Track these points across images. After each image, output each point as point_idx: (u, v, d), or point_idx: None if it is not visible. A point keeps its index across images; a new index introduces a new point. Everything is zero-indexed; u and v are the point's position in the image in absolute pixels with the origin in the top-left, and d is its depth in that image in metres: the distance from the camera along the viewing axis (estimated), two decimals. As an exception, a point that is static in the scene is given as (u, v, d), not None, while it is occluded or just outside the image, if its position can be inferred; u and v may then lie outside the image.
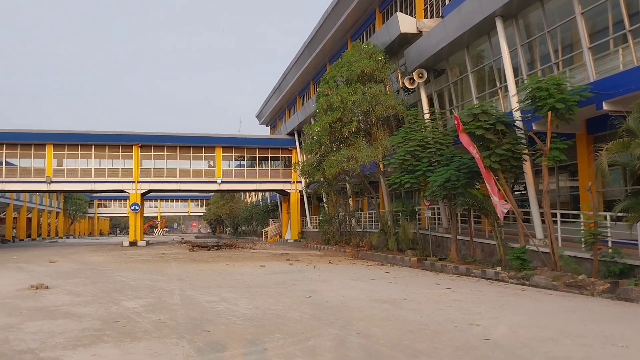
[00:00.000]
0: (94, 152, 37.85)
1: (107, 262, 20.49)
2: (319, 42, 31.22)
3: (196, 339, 6.46)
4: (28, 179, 37.05)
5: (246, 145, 39.93)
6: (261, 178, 39.90)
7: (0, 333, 6.77)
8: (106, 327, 7.16)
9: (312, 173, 24.92)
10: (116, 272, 15.79)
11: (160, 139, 38.48)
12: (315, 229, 34.63)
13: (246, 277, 13.93)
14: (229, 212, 61.22)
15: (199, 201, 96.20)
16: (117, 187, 38.44)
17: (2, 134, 36.92)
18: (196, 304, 9.26)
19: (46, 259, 22.03)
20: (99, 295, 10.33)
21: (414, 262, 17.01)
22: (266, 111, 51.22)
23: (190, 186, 39.99)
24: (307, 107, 34.25)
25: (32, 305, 9.16)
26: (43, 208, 66.23)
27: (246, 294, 10.40)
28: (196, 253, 25.90)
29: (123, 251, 29.07)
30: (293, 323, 7.47)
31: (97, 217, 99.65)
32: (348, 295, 10.23)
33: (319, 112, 22.61)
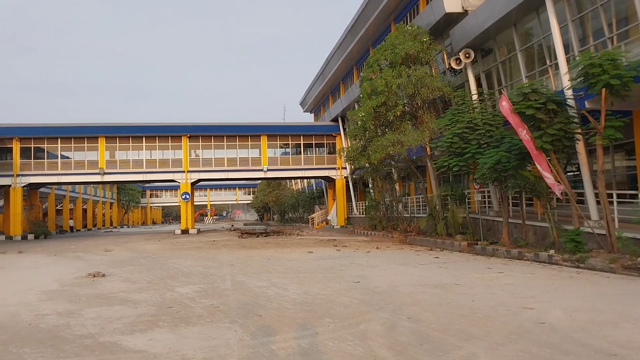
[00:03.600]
0: (144, 143, 38.89)
1: (160, 250, 21.06)
2: (361, 26, 30.90)
3: (248, 323, 6.57)
4: (82, 171, 38.47)
5: (291, 133, 40.14)
6: (306, 165, 40.06)
7: (62, 319, 7.05)
8: (161, 312, 7.37)
9: (357, 159, 24.81)
10: (169, 259, 16.21)
11: (208, 129, 39.19)
12: (362, 215, 34.57)
13: (294, 263, 14.04)
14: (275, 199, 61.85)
15: (246, 189, 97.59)
16: (168, 177, 39.45)
17: (57, 128, 38.41)
18: (247, 289, 9.40)
19: (102, 248, 22.83)
20: (154, 282, 10.62)
21: (463, 246, 16.76)
22: (310, 98, 51.23)
23: (238, 174, 40.54)
24: (351, 92, 34.05)
25: (90, 292, 9.51)
26: (97, 199, 68.58)
27: (295, 280, 10.49)
28: (245, 240, 26.29)
29: (175, 239, 29.81)
30: (343, 308, 7.49)
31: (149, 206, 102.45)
32: (397, 280, 10.17)
33: (363, 97, 22.42)
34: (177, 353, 5.30)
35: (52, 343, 5.74)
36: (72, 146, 38.59)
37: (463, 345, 5.41)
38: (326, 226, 41.35)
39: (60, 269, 14.26)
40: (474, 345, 5.43)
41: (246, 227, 50.93)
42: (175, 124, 39.32)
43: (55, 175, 38.55)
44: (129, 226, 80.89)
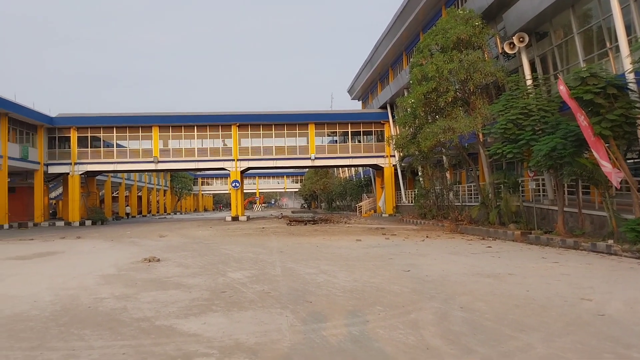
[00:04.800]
0: (196, 132, 39.72)
1: (212, 236, 21.49)
2: (411, 11, 30.39)
3: (299, 309, 6.61)
4: (137, 159, 39.65)
5: (338, 121, 40.06)
6: (354, 153, 39.94)
7: (119, 302, 7.28)
8: (214, 297, 7.51)
9: (407, 146, 24.53)
10: (221, 245, 16.52)
11: (257, 118, 39.64)
12: (411, 203, 34.24)
13: (343, 250, 14.05)
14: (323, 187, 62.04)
15: (294, 177, 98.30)
16: (218, 165, 40.19)
17: (112, 118, 39.68)
18: (297, 275, 9.47)
19: (156, 234, 23.47)
20: (206, 267, 10.84)
21: (517, 235, 16.35)
22: (357, 85, 50.90)
23: (286, 163, 40.84)
24: (400, 78, 33.62)
25: (145, 276, 9.78)
26: (152, 186, 70.56)
27: (344, 267, 10.49)
28: (294, 227, 26.50)
29: (226, 226, 30.35)
30: (393, 296, 7.43)
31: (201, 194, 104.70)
32: (448, 270, 10.02)
33: (413, 83, 22.08)
34: (230, 337, 5.39)
35: (110, 326, 5.94)
36: (127, 135, 39.84)
37: (518, 336, 5.28)
38: (374, 214, 41.19)
39: (117, 253, 14.74)
40: (529, 335, 5.29)
41: (294, 214, 51.30)
42: (225, 113, 39.95)
43: (111, 164, 39.91)
44: (181, 213, 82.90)
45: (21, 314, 6.61)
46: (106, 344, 5.23)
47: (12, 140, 35.35)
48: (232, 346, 5.09)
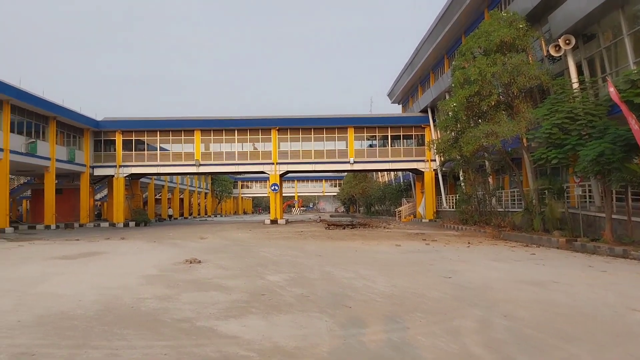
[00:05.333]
0: (236, 136, 40.23)
1: (251, 238, 21.66)
2: (453, 14, 30.03)
3: (338, 314, 6.56)
4: (179, 162, 40.43)
5: (378, 125, 39.87)
6: (394, 157, 39.67)
7: (161, 303, 7.38)
8: (253, 299, 7.54)
9: (448, 151, 24.19)
10: (260, 248, 16.62)
11: (296, 122, 39.84)
12: (452, 209, 33.75)
13: (382, 255, 13.93)
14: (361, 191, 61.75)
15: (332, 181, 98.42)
16: (258, 168, 40.59)
17: (156, 122, 40.59)
18: (335, 279, 9.42)
19: (197, 236, 23.82)
20: (245, 269, 10.91)
21: (562, 243, 15.88)
22: (398, 89, 50.59)
23: (324, 167, 40.88)
24: (442, 82, 33.23)
25: (186, 277, 9.90)
26: (193, 189, 71.77)
27: (383, 272, 10.38)
28: (332, 231, 26.46)
29: (265, 229, 30.57)
30: (434, 303, 7.31)
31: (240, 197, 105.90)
32: (491, 277, 9.80)
33: (455, 87, 21.78)
34: (269, 340, 5.38)
35: (151, 326, 6.02)
36: (170, 139, 40.69)
37: (563, 346, 5.10)
38: (414, 220, 40.77)
39: (159, 254, 15.00)
40: (575, 346, 5.10)
41: (332, 218, 51.26)
42: (265, 117, 40.32)
43: (154, 166, 40.81)
44: (221, 215, 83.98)
45: (67, 312, 6.78)
46: (147, 344, 5.30)
47: (60, 143, 36.55)
48: (271, 349, 5.08)
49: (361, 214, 69.08)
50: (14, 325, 6.08)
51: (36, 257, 14.69)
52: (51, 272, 11.10)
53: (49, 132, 35.09)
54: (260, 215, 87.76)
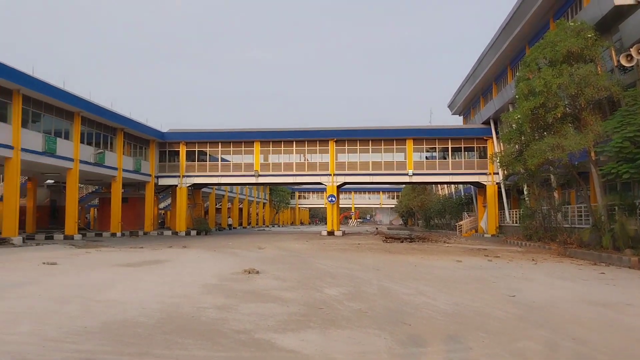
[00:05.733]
0: (295, 147, 40.63)
1: (308, 250, 21.70)
2: (516, 24, 29.27)
3: (397, 331, 6.40)
4: (239, 173, 41.24)
5: (438, 136, 39.26)
6: (454, 170, 38.91)
7: (220, 313, 7.44)
8: (311, 313, 7.47)
9: (512, 164, 23.47)
10: (317, 259, 16.60)
11: (354, 133, 39.83)
12: (515, 224, 32.70)
13: (442, 271, 13.59)
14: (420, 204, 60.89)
15: (390, 193, 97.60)
16: (315, 179, 40.79)
17: (217, 133, 41.60)
18: (394, 295, 9.24)
19: (255, 246, 24.09)
20: (303, 282, 10.88)
21: (634, 262, 15.00)
22: (458, 100, 49.72)
23: (382, 178, 40.62)
24: (504, 93, 32.40)
25: (245, 288, 9.97)
26: (252, 199, 72.97)
27: (444, 289, 10.10)
28: (389, 244, 26.14)
29: (322, 240, 30.58)
30: (497, 322, 7.02)
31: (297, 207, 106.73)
32: (557, 296, 9.35)
33: (519, 98, 21.14)
34: (327, 356, 5.29)
35: (211, 336, 6.06)
36: (231, 150, 41.59)
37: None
38: (475, 234, 39.76)
39: (219, 264, 15.24)
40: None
41: (390, 231, 50.75)
42: (322, 129, 40.53)
43: (215, 177, 41.80)
44: (279, 225, 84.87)
45: (130, 319, 6.94)
46: (207, 355, 5.33)
47: (126, 153, 38.02)
48: (329, 366, 4.99)
49: (420, 227, 68.08)
50: (80, 331, 6.26)
51: (102, 264, 15.23)
52: (116, 279, 11.45)
53: (116, 143, 36.58)
54: (317, 226, 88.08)
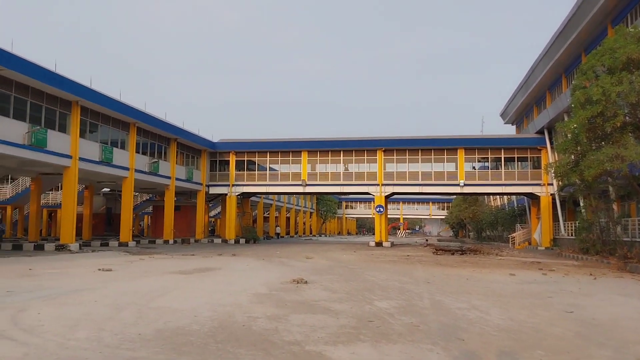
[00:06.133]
0: (342, 157, 40.62)
1: (356, 260, 21.57)
2: (572, 31, 28.45)
3: (450, 347, 6.25)
4: (287, 182, 41.55)
5: (490, 146, 38.44)
6: (507, 180, 37.99)
7: (271, 323, 7.45)
8: (361, 325, 7.39)
9: (567, 174, 22.69)
10: (365, 271, 16.47)
11: (403, 143, 39.49)
12: (571, 237, 31.60)
13: (495, 285, 13.23)
14: (472, 215, 59.65)
15: (440, 204, 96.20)
16: (362, 189, 40.64)
17: (266, 143, 42.08)
18: (446, 309, 9.05)
19: (303, 255, 24.15)
20: (352, 293, 10.81)
21: (702, 279, 14.21)
22: (511, 109, 48.65)
23: (432, 189, 40.07)
24: (559, 102, 31.49)
25: (294, 298, 9.98)
26: (299, 208, 73.34)
27: (498, 303, 9.83)
28: (440, 257, 25.70)
29: (370, 251, 30.38)
30: (555, 340, 6.76)
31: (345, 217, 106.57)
32: (619, 313, 8.94)
33: (575, 107, 20.47)
34: (379, 371, 5.21)
35: (263, 347, 6.07)
36: (279, 159, 41.98)
37: None
38: (528, 247, 38.63)
39: (268, 273, 15.34)
40: None
41: (440, 243, 49.92)
42: (370, 138, 40.39)
43: (263, 186, 42.27)
44: (326, 235, 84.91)
45: (183, 327, 7.04)
46: (259, 366, 5.34)
47: (179, 162, 38.97)
48: (382, 381, 4.90)
49: (471, 239, 66.73)
50: (135, 337, 6.40)
51: (155, 271, 15.59)
52: (169, 286, 11.69)
53: (170, 153, 37.55)
54: (364, 236, 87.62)
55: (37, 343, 6.07)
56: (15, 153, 23.35)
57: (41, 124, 24.83)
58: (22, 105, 24.07)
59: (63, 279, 13.13)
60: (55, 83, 24.98)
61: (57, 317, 7.64)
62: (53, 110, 25.99)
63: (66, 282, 12.43)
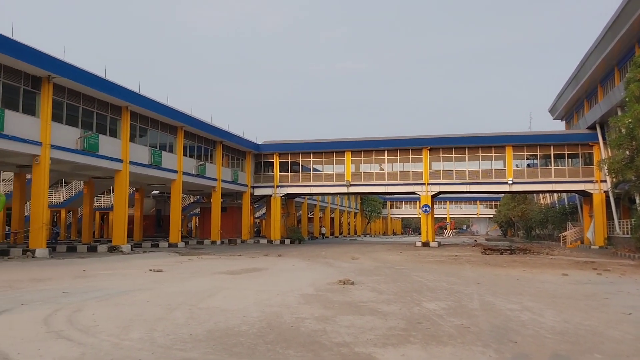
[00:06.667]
0: (386, 157, 40.37)
1: (402, 261, 21.37)
2: (624, 23, 27.35)
3: (503, 349, 6.09)
4: (331, 182, 41.60)
5: (539, 143, 37.46)
6: (557, 177, 36.92)
7: (319, 324, 7.45)
8: (410, 327, 7.30)
9: (622, 171, 21.91)
10: (412, 271, 16.29)
11: (448, 141, 38.94)
12: (626, 235, 30.42)
13: (547, 285, 12.85)
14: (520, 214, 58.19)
15: (487, 202, 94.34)
16: (408, 189, 40.26)
17: (309, 144, 42.28)
18: (497, 310, 8.84)
19: (348, 256, 24.10)
20: (400, 294, 10.70)
21: None
22: (560, 104, 47.19)
23: (480, 187, 39.33)
24: (612, 96, 30.39)
25: (341, 299, 9.95)
26: (343, 209, 73.29)
27: (551, 305, 9.54)
28: (489, 256, 25.18)
29: (416, 251, 30.06)
30: (614, 343, 6.50)
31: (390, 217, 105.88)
32: (682, 316, 8.53)
33: (629, 101, 19.75)
34: (430, 374, 5.13)
35: (312, 348, 6.07)
36: (322, 160, 42.09)
37: None
38: (581, 246, 37.42)
39: (313, 274, 15.37)
40: None
41: (488, 242, 48.95)
42: (415, 137, 39.99)
43: (307, 187, 42.47)
44: (370, 235, 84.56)
45: (233, 328, 7.12)
46: (308, 367, 5.34)
47: (225, 165, 39.59)
48: (433, 384, 4.82)
49: (520, 238, 65.15)
50: (186, 338, 6.51)
51: (204, 271, 15.87)
52: (218, 286, 11.87)
53: (215, 155, 38.19)
54: (410, 236, 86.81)
55: (92, 343, 6.25)
56: (69, 158, 24.21)
57: (93, 130, 25.67)
58: (74, 112, 24.95)
59: (116, 279, 13.52)
60: (106, 89, 25.80)
61: (111, 317, 7.86)
62: (104, 115, 26.84)
63: (119, 282, 12.79)
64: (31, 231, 22.71)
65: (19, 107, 21.58)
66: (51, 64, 22.24)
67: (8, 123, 20.52)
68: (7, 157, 23.63)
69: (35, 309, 8.55)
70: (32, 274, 14.57)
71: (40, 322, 7.43)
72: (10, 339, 6.41)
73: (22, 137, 21.32)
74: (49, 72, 22.26)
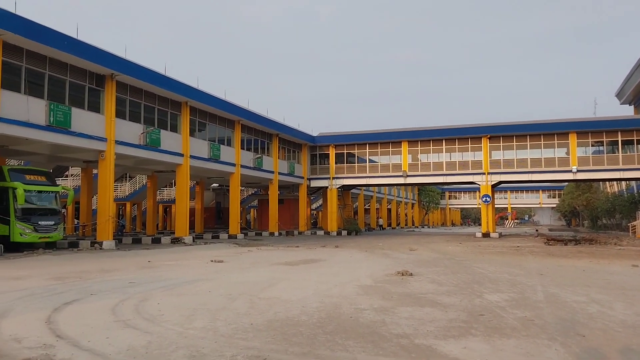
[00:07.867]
0: (444, 146, 39.67)
1: (462, 252, 20.99)
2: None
3: (570, 343, 5.89)
4: (387, 173, 41.31)
5: (605, 129, 35.82)
6: (625, 165, 35.23)
7: (378, 315, 7.43)
8: (472, 319, 7.17)
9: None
10: (473, 263, 15.98)
11: (509, 129, 37.83)
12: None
13: (616, 277, 12.31)
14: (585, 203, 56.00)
15: (550, 192, 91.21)
16: (467, 179, 39.45)
17: (365, 135, 42.11)
18: (562, 303, 8.54)
19: (406, 247, 23.88)
20: (460, 286, 10.52)
21: None
22: (628, 88, 44.93)
23: (542, 176, 38.04)
24: (686, 77, 28.62)
25: (400, 290, 9.88)
26: (400, 200, 72.68)
27: (621, 297, 9.13)
28: (552, 247, 24.36)
29: (476, 242, 29.45)
30: (692, 338, 6.16)
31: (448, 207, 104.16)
32: None
33: None
34: (494, 367, 5.02)
35: (371, 339, 6.06)
36: (378, 151, 41.82)
37: None
38: (651, 235, 35.62)
39: (371, 265, 15.34)
40: None
41: (551, 233, 47.36)
42: (474, 125, 39.05)
43: (364, 178, 42.32)
44: (428, 226, 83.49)
45: (292, 318, 7.21)
46: (369, 358, 5.34)
47: (281, 157, 40.00)
48: (497, 377, 4.72)
49: (585, 228, 62.74)
50: (248, 327, 6.64)
51: (263, 262, 16.14)
52: (277, 277, 12.04)
53: (272, 148, 38.65)
54: (470, 227, 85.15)
55: (158, 332, 6.48)
56: (133, 153, 25.11)
57: (154, 125, 26.49)
58: (137, 108, 25.82)
59: (179, 270, 13.94)
60: (167, 86, 26.55)
61: (175, 307, 8.12)
62: (164, 111, 27.64)
63: (182, 273, 13.18)
64: (98, 224, 23.73)
65: (84, 105, 22.52)
66: (114, 62, 23.08)
67: (75, 120, 21.44)
68: (75, 153, 24.70)
69: (104, 299, 8.93)
70: (100, 265, 15.23)
71: (108, 312, 7.76)
72: (81, 327, 6.72)
73: (88, 134, 22.24)
74: (112, 70, 23.11)
